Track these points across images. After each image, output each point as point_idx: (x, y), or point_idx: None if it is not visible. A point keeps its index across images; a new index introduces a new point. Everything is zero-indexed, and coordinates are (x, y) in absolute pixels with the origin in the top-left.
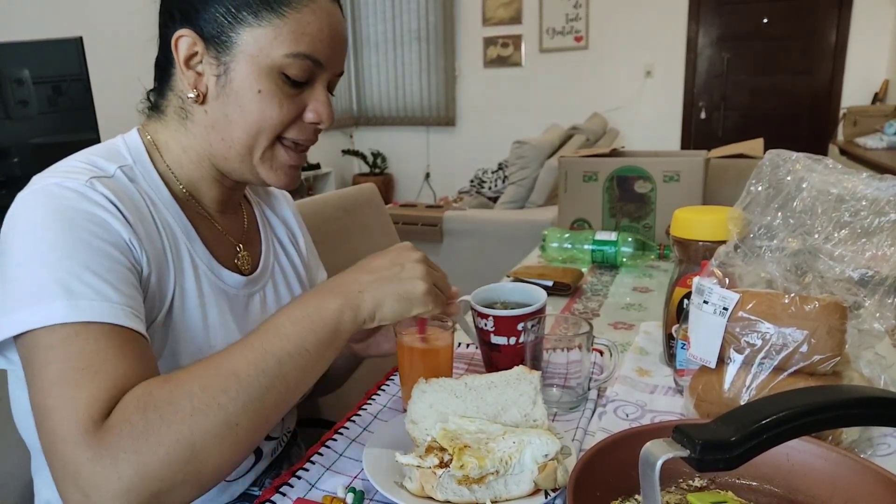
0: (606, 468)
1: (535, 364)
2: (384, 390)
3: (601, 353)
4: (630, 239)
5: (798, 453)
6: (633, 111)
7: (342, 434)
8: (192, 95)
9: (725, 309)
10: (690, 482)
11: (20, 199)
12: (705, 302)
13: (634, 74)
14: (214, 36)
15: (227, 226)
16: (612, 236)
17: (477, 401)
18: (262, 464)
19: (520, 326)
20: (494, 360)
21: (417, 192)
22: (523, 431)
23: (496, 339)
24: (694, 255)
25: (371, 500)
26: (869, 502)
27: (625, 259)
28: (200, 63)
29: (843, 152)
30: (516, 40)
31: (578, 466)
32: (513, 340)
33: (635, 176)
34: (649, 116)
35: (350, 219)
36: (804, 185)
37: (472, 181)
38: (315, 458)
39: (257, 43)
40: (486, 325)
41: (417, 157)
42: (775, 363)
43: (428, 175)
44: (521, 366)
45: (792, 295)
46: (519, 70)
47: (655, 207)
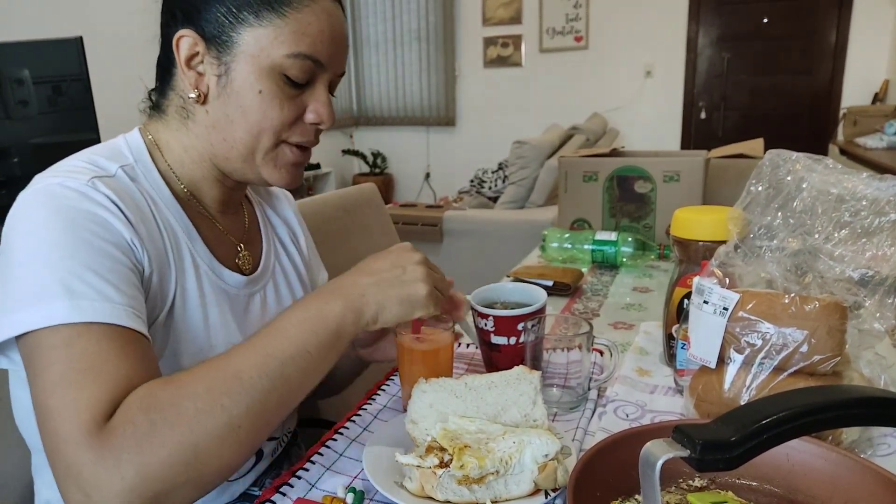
0: (606, 468)
1: (535, 364)
2: (384, 390)
3: (601, 353)
4: (630, 239)
5: (798, 453)
6: (633, 111)
7: (342, 434)
8: (193, 95)
9: (725, 309)
10: (690, 482)
11: (22, 198)
12: (705, 302)
13: (634, 74)
14: (215, 36)
15: (228, 225)
16: (612, 236)
17: (477, 401)
18: (262, 464)
19: (520, 326)
20: (494, 360)
21: (417, 192)
22: (523, 431)
23: (496, 339)
24: (694, 255)
25: (371, 500)
26: (869, 502)
27: (625, 259)
28: (201, 63)
29: (843, 152)
30: (516, 40)
31: (578, 466)
32: (513, 340)
33: (635, 176)
34: (649, 116)
35: (350, 219)
36: (804, 185)
37: (472, 181)
38: (315, 458)
39: (258, 43)
40: (486, 325)
41: (417, 157)
42: (775, 363)
43: (428, 175)
44: (521, 366)
45: (792, 295)
46: (519, 70)
47: (655, 207)
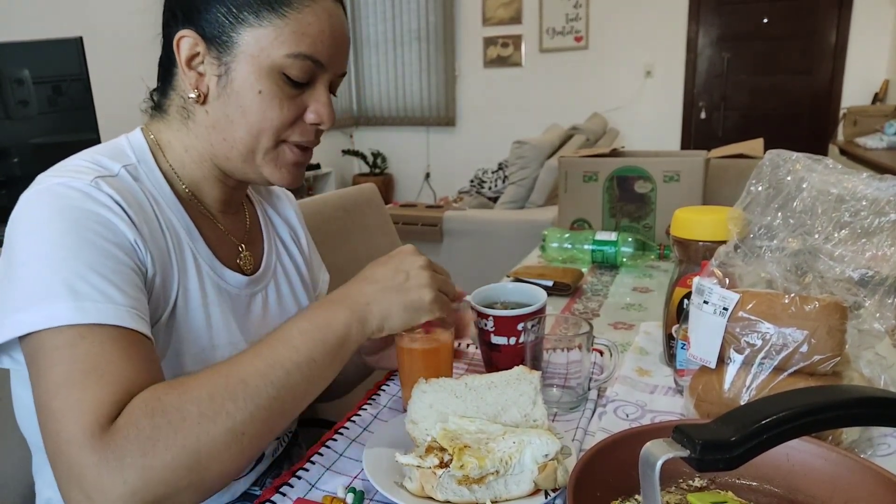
0: (606, 468)
1: (535, 364)
2: (384, 390)
3: (601, 353)
4: (630, 239)
5: (798, 453)
6: (633, 111)
7: (342, 434)
8: (194, 96)
9: (725, 309)
10: (690, 482)
11: (25, 198)
12: (705, 302)
13: (634, 74)
14: (216, 36)
15: (230, 226)
16: (612, 236)
17: (477, 401)
18: (263, 464)
19: (520, 326)
20: (494, 360)
21: (417, 192)
22: (523, 431)
23: (496, 339)
24: (694, 255)
25: (371, 500)
26: (869, 502)
27: (625, 259)
28: (202, 63)
29: (843, 152)
30: (516, 40)
31: (578, 466)
32: (513, 340)
33: (635, 176)
34: (649, 116)
35: (350, 219)
36: (804, 185)
37: (472, 181)
38: (315, 458)
39: (258, 43)
40: (486, 325)
41: (417, 157)
42: (775, 363)
43: (428, 175)
44: (521, 366)
45: (792, 295)
46: (519, 70)
47: (655, 207)
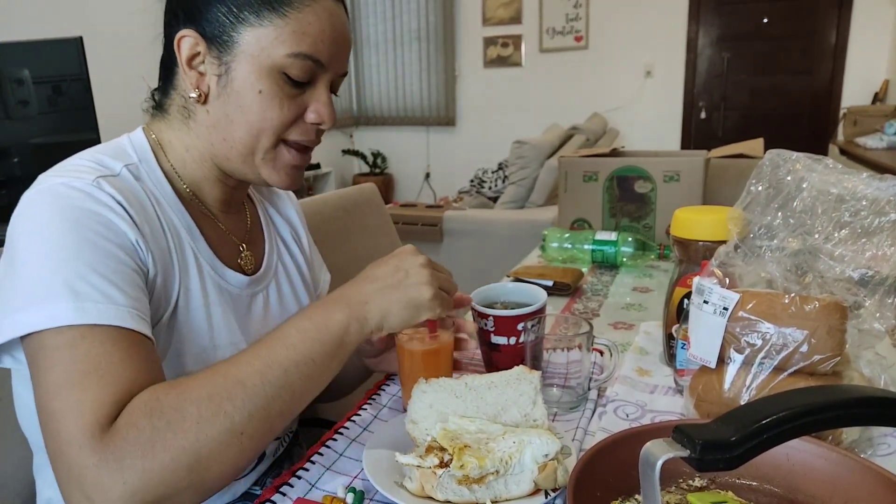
0: (606, 468)
1: (535, 364)
2: (384, 390)
3: (601, 353)
4: (630, 239)
5: (798, 453)
6: (633, 111)
7: (342, 434)
8: (194, 95)
9: (725, 309)
10: (690, 482)
11: (26, 198)
12: (705, 302)
13: (634, 74)
14: (216, 36)
15: (231, 225)
16: (612, 236)
17: (477, 401)
18: (264, 464)
19: (520, 326)
20: (494, 360)
21: (417, 192)
22: (523, 431)
23: (496, 339)
24: (694, 255)
25: (371, 500)
26: (869, 502)
27: (625, 259)
28: (202, 63)
29: (843, 152)
30: (516, 40)
31: (578, 466)
32: (513, 340)
33: (635, 176)
34: (649, 116)
35: (350, 219)
36: (804, 185)
37: (472, 181)
38: (315, 458)
39: (258, 43)
40: (486, 325)
41: (417, 157)
42: (775, 363)
43: (428, 175)
44: (521, 366)
45: (792, 295)
46: (519, 70)
47: (655, 207)
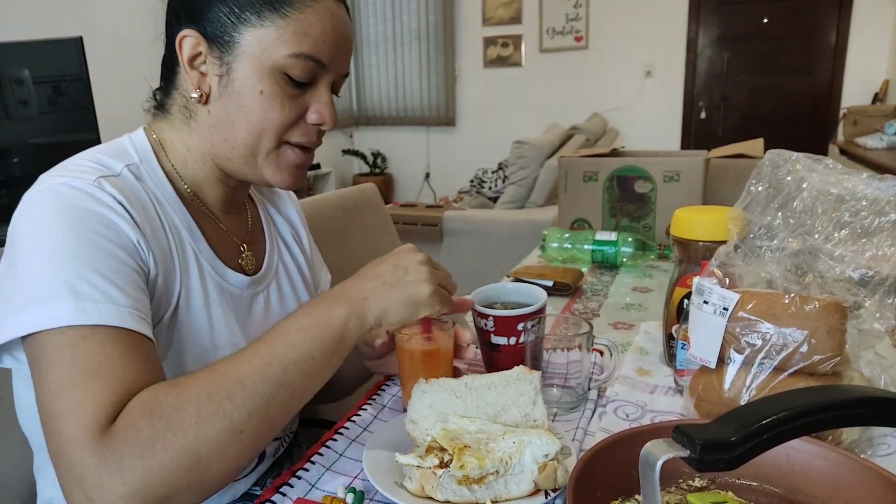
0: (606, 468)
1: (535, 364)
2: (384, 390)
3: (601, 353)
4: (630, 239)
5: (798, 453)
6: (633, 111)
7: (342, 434)
8: (196, 95)
9: (725, 309)
10: (690, 482)
11: (28, 198)
12: (705, 302)
13: (634, 74)
14: (218, 36)
15: (231, 225)
16: (612, 236)
17: (477, 401)
18: (264, 464)
19: (520, 326)
20: (494, 360)
21: (417, 192)
22: (523, 431)
23: (496, 339)
24: (694, 255)
25: (371, 500)
26: (869, 502)
27: (625, 259)
28: (204, 63)
29: (843, 152)
30: (516, 40)
31: (578, 466)
32: (513, 340)
33: (635, 176)
34: (649, 116)
35: (350, 219)
36: (804, 185)
37: (472, 181)
38: (315, 458)
39: (260, 43)
40: (486, 325)
41: (417, 157)
42: (775, 363)
43: (428, 175)
44: (521, 366)
45: (792, 295)
46: (519, 70)
47: (655, 207)
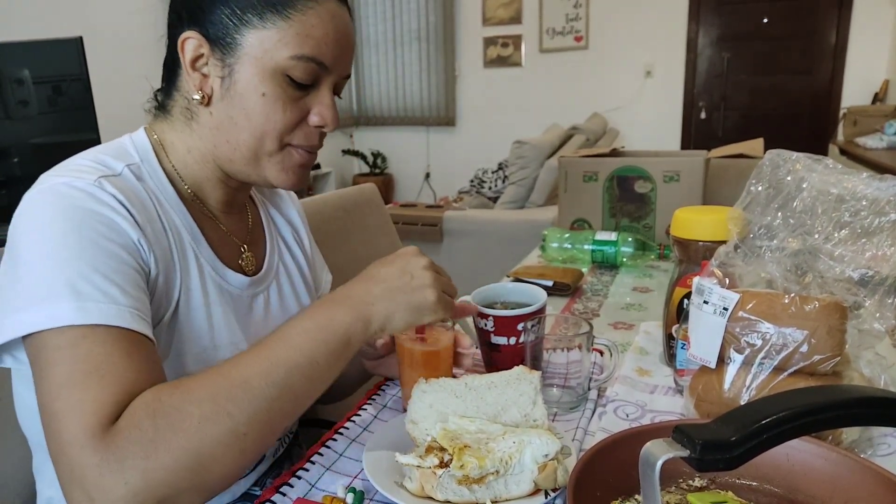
0: (606, 468)
1: (535, 364)
2: (384, 390)
3: (601, 353)
4: (630, 239)
5: (798, 453)
6: (633, 111)
7: (342, 434)
8: (197, 97)
9: (725, 309)
10: (690, 482)
11: (28, 198)
12: (705, 302)
13: (634, 74)
14: (220, 38)
15: (232, 226)
16: (612, 236)
17: (477, 401)
18: (264, 464)
19: (520, 326)
20: (494, 360)
21: (417, 192)
22: (523, 431)
23: (496, 339)
24: (694, 255)
25: (371, 500)
26: (869, 502)
27: (625, 259)
28: (206, 65)
29: (843, 152)
30: (516, 40)
31: (578, 466)
32: (513, 340)
33: (635, 176)
34: (649, 116)
35: (350, 219)
36: (804, 185)
37: (472, 181)
38: (315, 458)
39: (262, 45)
40: (486, 325)
41: (417, 157)
42: (775, 363)
43: (428, 175)
44: (521, 366)
45: (792, 295)
46: (519, 70)
47: (655, 207)
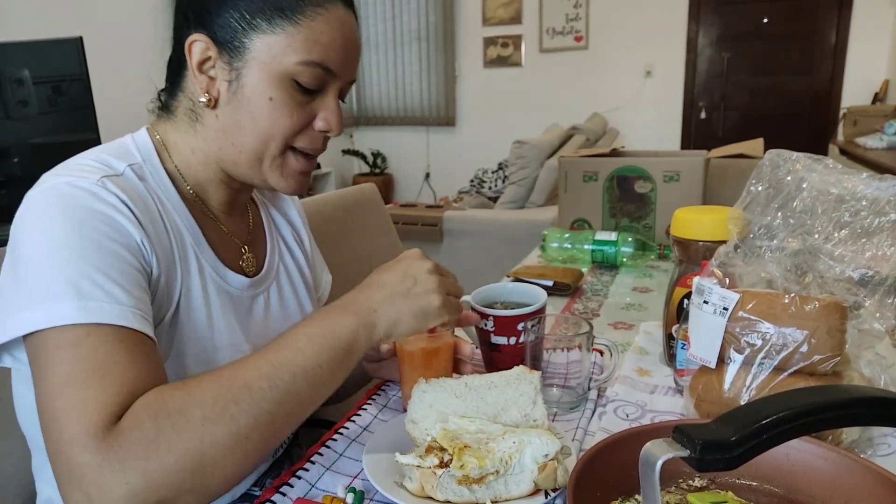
0: (606, 468)
1: (535, 364)
2: (384, 390)
3: (601, 353)
4: (630, 239)
5: (798, 453)
6: (633, 111)
7: (342, 434)
8: (204, 100)
9: (725, 309)
10: (690, 482)
11: (31, 197)
12: (705, 302)
13: (634, 74)
14: (228, 41)
15: (233, 227)
16: (612, 236)
17: (477, 401)
18: (264, 465)
19: (520, 326)
20: (494, 360)
21: (417, 192)
22: (523, 431)
23: (496, 339)
24: (694, 255)
25: (371, 500)
26: (869, 502)
27: (625, 259)
28: (213, 68)
29: (843, 152)
30: (516, 40)
31: (578, 466)
32: (513, 340)
33: (635, 176)
34: (649, 116)
35: (350, 219)
36: (804, 185)
37: (472, 181)
38: (315, 458)
39: (270, 50)
40: (486, 325)
41: (417, 157)
42: (775, 363)
43: (428, 175)
44: (521, 366)
45: (792, 295)
46: (519, 70)
47: (655, 207)
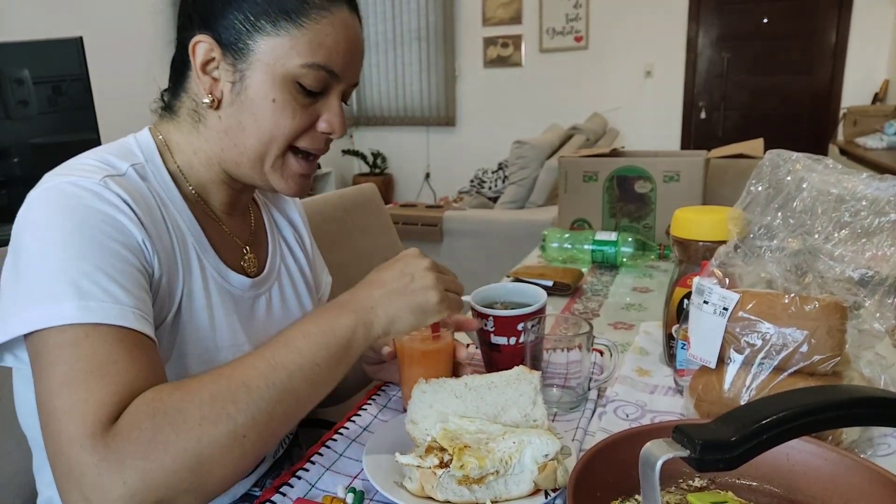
0: (606, 468)
1: (535, 364)
2: (384, 390)
3: (601, 353)
4: (630, 239)
5: (798, 453)
6: (633, 111)
7: (342, 434)
8: (207, 101)
9: (725, 309)
10: (690, 482)
11: (33, 196)
12: (705, 302)
13: (634, 74)
14: (232, 43)
15: (235, 228)
16: (612, 236)
17: (477, 401)
18: (264, 465)
19: (520, 326)
20: (494, 360)
21: (417, 192)
22: (523, 431)
23: (496, 339)
24: (694, 255)
25: (371, 500)
26: (869, 502)
27: (625, 259)
28: (217, 69)
29: (843, 152)
30: (516, 40)
31: (578, 466)
32: (513, 340)
33: (635, 176)
34: (649, 116)
35: (350, 219)
36: (804, 185)
37: (472, 181)
38: (315, 458)
39: (274, 52)
40: (486, 325)
41: (417, 157)
42: (775, 363)
43: (428, 175)
44: (521, 366)
45: (792, 295)
46: (519, 70)
47: (655, 207)
